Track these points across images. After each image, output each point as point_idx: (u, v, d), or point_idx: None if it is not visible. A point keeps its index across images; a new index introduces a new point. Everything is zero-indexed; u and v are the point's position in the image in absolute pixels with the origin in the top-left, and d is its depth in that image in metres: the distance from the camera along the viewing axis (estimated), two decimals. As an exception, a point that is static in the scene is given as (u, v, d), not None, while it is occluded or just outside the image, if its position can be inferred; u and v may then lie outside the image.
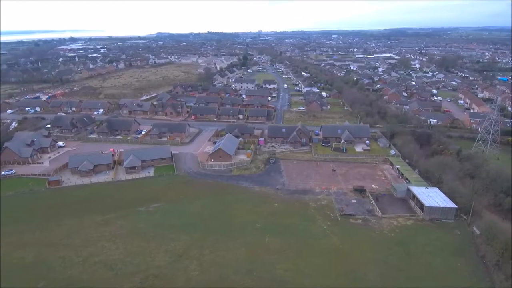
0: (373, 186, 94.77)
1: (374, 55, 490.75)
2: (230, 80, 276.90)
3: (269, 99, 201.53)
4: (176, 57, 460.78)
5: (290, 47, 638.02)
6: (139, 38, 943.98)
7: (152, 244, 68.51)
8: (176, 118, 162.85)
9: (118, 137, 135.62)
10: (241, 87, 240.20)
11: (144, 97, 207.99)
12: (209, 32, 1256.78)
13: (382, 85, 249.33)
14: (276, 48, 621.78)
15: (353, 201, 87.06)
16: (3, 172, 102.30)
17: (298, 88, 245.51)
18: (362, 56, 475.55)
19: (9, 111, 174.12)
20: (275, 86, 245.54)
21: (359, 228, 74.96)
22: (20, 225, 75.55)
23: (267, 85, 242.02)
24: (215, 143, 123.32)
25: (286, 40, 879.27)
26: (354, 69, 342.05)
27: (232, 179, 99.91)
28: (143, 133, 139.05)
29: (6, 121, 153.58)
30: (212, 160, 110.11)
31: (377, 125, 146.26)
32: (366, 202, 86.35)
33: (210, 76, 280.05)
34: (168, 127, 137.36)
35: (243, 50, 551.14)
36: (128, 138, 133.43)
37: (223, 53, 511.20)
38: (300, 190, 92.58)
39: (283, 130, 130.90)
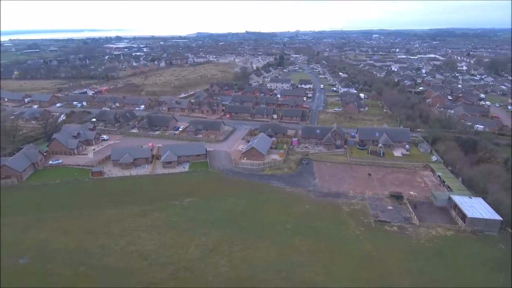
0: (411, 193, 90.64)
1: (418, 56, 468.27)
2: (266, 79, 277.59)
3: (304, 99, 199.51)
4: (214, 56, 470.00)
5: (328, 47, 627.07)
6: (180, 37, 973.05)
7: (185, 237, 70.54)
8: (211, 116, 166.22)
9: (157, 132, 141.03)
10: (276, 86, 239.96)
11: (183, 95, 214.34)
12: (247, 32, 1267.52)
13: (425, 87, 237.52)
14: (314, 47, 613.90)
15: (389, 207, 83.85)
16: (50, 161, 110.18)
17: (335, 88, 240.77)
18: (404, 56, 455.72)
19: (58, 105, 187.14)
20: (311, 86, 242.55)
21: (394, 236, 72.11)
22: (64, 212, 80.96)
23: (303, 85, 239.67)
24: (248, 141, 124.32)
25: (324, 40, 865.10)
26: (395, 70, 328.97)
27: (264, 178, 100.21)
28: (180, 129, 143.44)
29: (55, 113, 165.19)
30: (245, 158, 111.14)
31: (418, 130, 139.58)
32: (403, 209, 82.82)
33: (246, 75, 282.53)
34: (203, 125, 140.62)
35: (280, 50, 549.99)
36: (166, 134, 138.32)
37: (259, 53, 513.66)
38: (333, 193, 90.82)
39: (318, 131, 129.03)
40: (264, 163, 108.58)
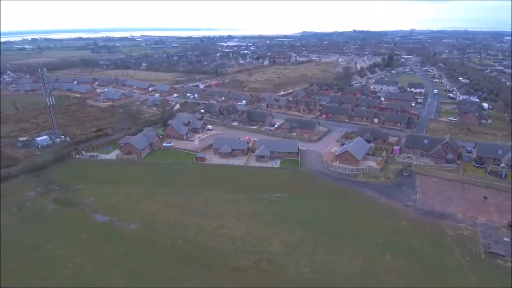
0: (540, 227, 74.44)
1: None
2: (370, 81, 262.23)
3: (413, 104, 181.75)
4: (317, 55, 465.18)
5: (448, 48, 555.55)
6: (285, 36, 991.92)
7: (270, 230, 72.54)
8: (307, 115, 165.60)
9: (254, 127, 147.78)
10: (381, 88, 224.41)
11: (282, 93, 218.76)
12: (354, 31, 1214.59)
13: None
14: (430, 48, 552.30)
15: (506, 239, 70.58)
16: (164, 144, 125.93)
17: (451, 95, 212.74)
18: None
19: (174, 95, 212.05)
20: (422, 90, 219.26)
21: (507, 273, 60.49)
22: (171, 189, 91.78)
23: (413, 89, 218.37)
24: (343, 144, 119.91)
25: (444, 40, 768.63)
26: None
27: (356, 184, 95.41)
28: (275, 126, 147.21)
29: (172, 103, 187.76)
30: (338, 161, 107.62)
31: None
32: (526, 245, 68.71)
33: (349, 75, 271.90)
34: (298, 123, 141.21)
35: (390, 50, 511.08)
36: (262, 129, 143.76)
37: (366, 52, 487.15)
38: (436, 212, 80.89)
39: (425, 141, 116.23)
40: (358, 169, 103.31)
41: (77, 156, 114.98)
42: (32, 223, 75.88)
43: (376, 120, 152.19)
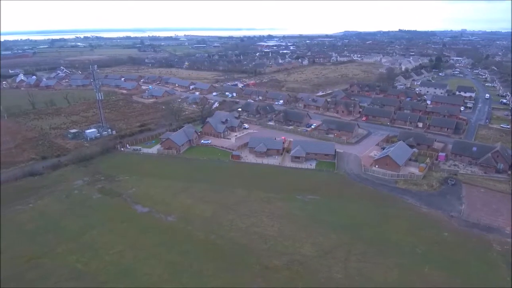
0: None
1: None
2: (415, 83, 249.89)
3: (462, 109, 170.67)
4: (359, 55, 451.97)
5: (502, 50, 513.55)
6: (326, 36, 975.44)
7: (302, 232, 71.79)
8: (346, 116, 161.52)
9: (290, 127, 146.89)
10: (427, 91, 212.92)
11: (320, 93, 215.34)
12: (400, 30, 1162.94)
13: None
14: (482, 50, 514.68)
15: None
16: (202, 141, 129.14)
17: (504, 100, 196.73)
18: None
19: (214, 94, 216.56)
20: (473, 95, 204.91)
21: None
22: (207, 184, 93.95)
23: (462, 93, 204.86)
24: (383, 148, 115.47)
25: (497, 42, 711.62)
26: None
27: (396, 191, 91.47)
28: (312, 126, 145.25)
29: (211, 101, 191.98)
30: (377, 166, 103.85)
31: None
32: None
33: (392, 77, 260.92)
34: (336, 125, 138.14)
35: (438, 51, 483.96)
36: (299, 130, 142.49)
37: (412, 53, 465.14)
38: (483, 225, 75.36)
39: (474, 148, 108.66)
40: (399, 175, 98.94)
41: (122, 149, 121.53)
42: (78, 210, 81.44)
43: (420, 125, 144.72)
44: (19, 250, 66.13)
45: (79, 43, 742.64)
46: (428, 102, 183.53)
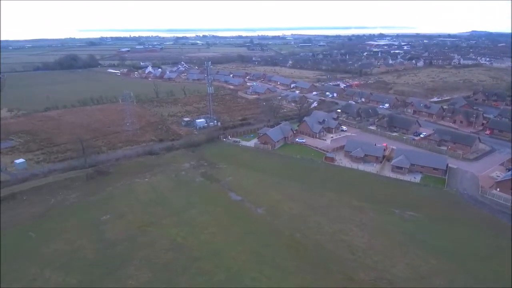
0: None
1: None
2: None
3: None
4: (487, 59, 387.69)
5: None
6: (449, 36, 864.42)
7: (396, 250, 65.87)
8: (465, 128, 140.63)
9: (394, 134, 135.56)
10: None
11: (435, 99, 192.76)
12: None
13: None
14: None
15: None
16: (297, 139, 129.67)
17: None
18: None
19: (314, 93, 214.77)
20: None
21: None
22: (297, 183, 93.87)
23: None
24: (509, 170, 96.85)
25: None
26: None
27: (523, 222, 75.87)
28: (421, 135, 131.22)
29: (310, 100, 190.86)
30: (498, 189, 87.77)
31: None
32: None
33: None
34: (452, 136, 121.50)
35: None
36: (404, 138, 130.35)
37: None
38: None
39: None
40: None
41: (224, 139, 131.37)
42: (183, 189, 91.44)
43: None
44: (133, 217, 77.92)
45: (198, 41, 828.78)
46: None
